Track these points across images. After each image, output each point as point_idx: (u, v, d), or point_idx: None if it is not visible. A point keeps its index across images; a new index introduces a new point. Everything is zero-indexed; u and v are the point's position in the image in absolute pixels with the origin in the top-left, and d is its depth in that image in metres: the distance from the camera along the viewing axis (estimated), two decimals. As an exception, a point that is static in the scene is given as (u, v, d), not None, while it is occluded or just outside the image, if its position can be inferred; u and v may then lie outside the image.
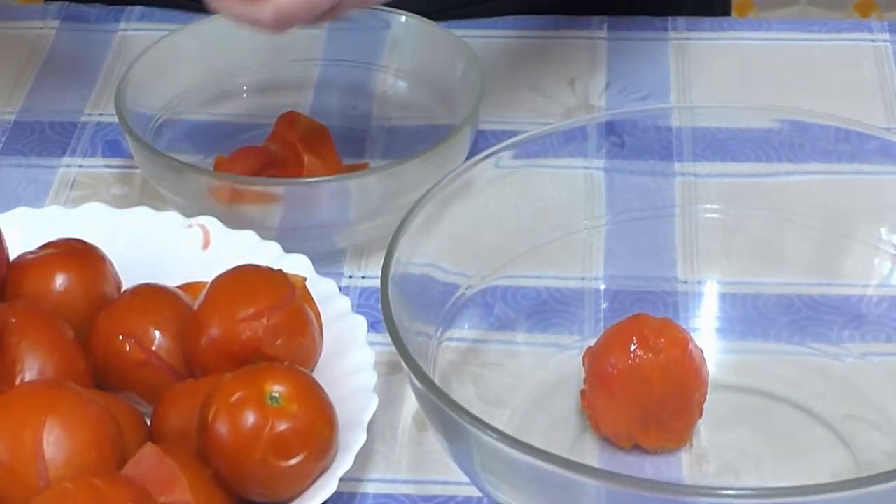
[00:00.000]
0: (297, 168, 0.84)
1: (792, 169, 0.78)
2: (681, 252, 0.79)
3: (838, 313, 0.76)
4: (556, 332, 0.76)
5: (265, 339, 0.70)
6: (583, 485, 0.60)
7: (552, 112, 0.91)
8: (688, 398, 0.71)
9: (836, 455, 0.71)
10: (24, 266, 0.75)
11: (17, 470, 0.63)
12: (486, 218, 0.75)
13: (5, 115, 0.92)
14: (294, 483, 0.66)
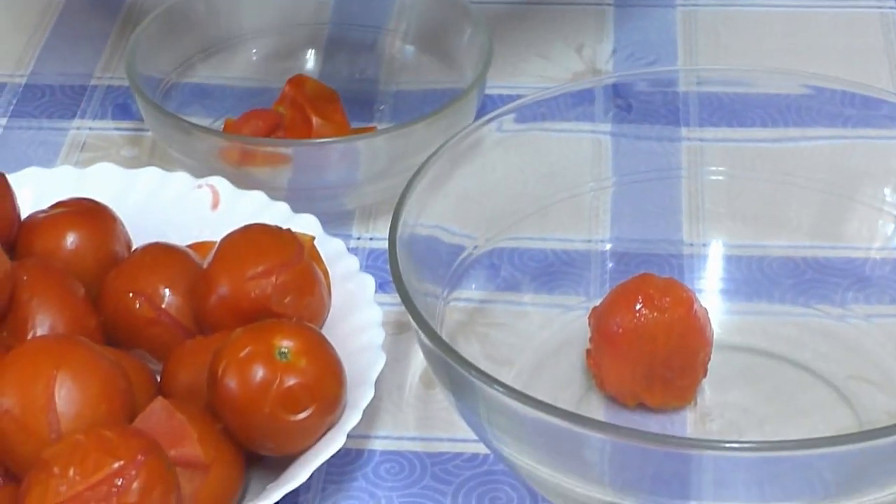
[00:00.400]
0: (305, 130, 0.85)
1: (798, 133, 0.78)
2: (686, 215, 0.79)
3: (843, 275, 0.77)
4: (562, 293, 0.77)
5: (274, 296, 0.70)
6: (588, 438, 0.61)
7: (559, 77, 0.92)
8: (692, 357, 0.72)
9: (838, 415, 0.72)
10: (36, 225, 0.75)
11: (28, 423, 0.64)
12: (492, 180, 0.75)
13: (16, 77, 0.93)
14: (302, 437, 0.67)
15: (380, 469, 0.71)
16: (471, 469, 0.71)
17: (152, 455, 0.62)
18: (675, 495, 0.62)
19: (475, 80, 0.83)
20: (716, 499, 0.63)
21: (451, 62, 0.88)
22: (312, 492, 0.70)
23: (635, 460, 0.62)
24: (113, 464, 0.61)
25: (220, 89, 0.90)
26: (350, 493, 0.70)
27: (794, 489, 0.62)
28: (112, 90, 0.92)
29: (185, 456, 0.65)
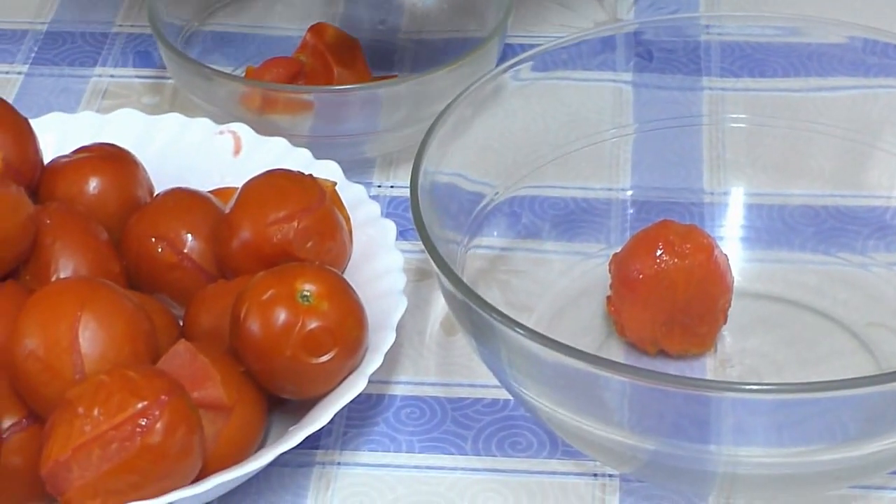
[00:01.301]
0: (327, 79, 0.85)
1: (819, 83, 0.78)
2: (707, 163, 0.79)
3: (863, 223, 0.77)
4: (583, 240, 0.77)
5: (295, 241, 0.71)
6: (608, 381, 0.61)
7: (581, 26, 0.92)
8: (712, 304, 0.72)
9: (858, 360, 0.72)
10: (58, 169, 0.76)
11: (53, 363, 0.64)
12: (512, 128, 0.75)
13: (37, 25, 0.93)
14: (324, 380, 0.67)
15: (400, 414, 0.71)
16: (491, 414, 0.71)
17: (175, 396, 0.63)
18: (694, 439, 0.63)
19: (496, 29, 0.83)
20: (735, 443, 0.63)
21: (472, 11, 0.88)
22: (334, 436, 0.70)
23: (655, 403, 0.62)
24: (137, 404, 0.62)
25: (242, 37, 0.90)
26: (371, 438, 0.70)
27: (813, 433, 0.62)
28: (133, 38, 0.92)
29: (207, 398, 0.65)
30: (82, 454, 0.62)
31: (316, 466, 0.69)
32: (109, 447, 0.62)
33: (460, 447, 0.70)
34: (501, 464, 0.69)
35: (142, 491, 0.62)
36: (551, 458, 0.69)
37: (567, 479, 0.69)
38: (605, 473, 0.69)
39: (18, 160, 0.74)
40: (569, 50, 0.76)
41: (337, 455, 0.70)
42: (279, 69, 0.85)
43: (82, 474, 0.62)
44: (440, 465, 0.69)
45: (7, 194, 0.70)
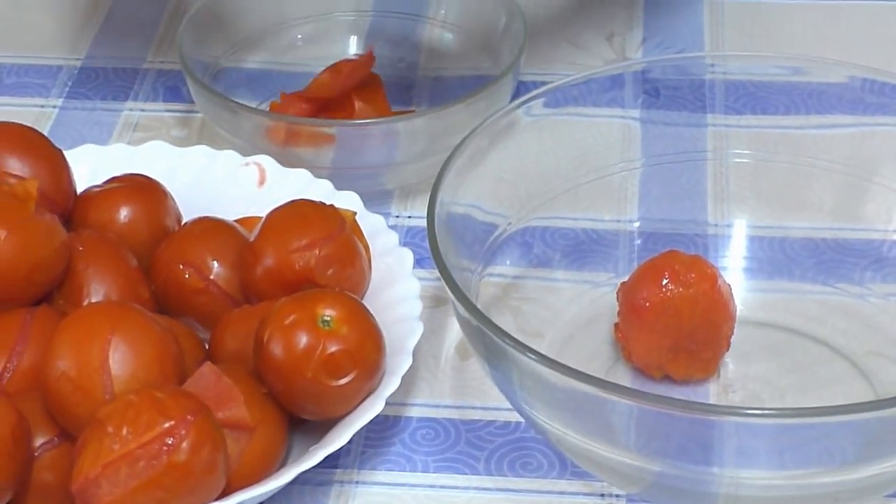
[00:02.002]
0: (348, 113, 0.85)
1: (819, 120, 0.78)
2: (711, 196, 0.79)
3: (861, 255, 0.77)
4: (592, 269, 0.77)
5: (317, 268, 0.71)
6: (616, 404, 0.61)
7: (591, 65, 0.92)
8: (716, 331, 0.72)
9: (856, 387, 0.72)
10: (91, 198, 0.76)
11: (83, 384, 0.64)
12: (525, 161, 0.75)
13: (71, 61, 0.94)
14: (343, 402, 0.67)
15: (416, 435, 0.71)
16: (503, 436, 0.71)
17: (201, 416, 0.63)
18: (698, 461, 0.63)
19: (510, 66, 0.83)
20: (737, 465, 0.63)
21: (487, 49, 0.89)
22: (352, 455, 0.70)
23: (660, 426, 0.62)
24: (164, 423, 0.62)
25: (266, 73, 0.90)
26: (388, 457, 0.70)
27: (813, 457, 0.62)
28: (163, 73, 0.93)
29: (231, 418, 0.65)
30: (111, 471, 0.62)
31: (335, 485, 0.69)
32: (137, 465, 0.62)
33: (473, 467, 0.70)
34: (513, 484, 0.69)
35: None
36: (560, 478, 0.69)
37: (575, 498, 0.68)
38: (612, 493, 0.69)
39: (53, 189, 0.74)
40: (579, 87, 0.76)
41: (355, 474, 0.70)
42: (302, 103, 0.86)
43: (111, 490, 0.62)
44: (454, 485, 0.69)
45: (42, 222, 0.70)
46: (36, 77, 0.93)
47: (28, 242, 0.69)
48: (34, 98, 0.91)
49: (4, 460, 0.63)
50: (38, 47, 0.95)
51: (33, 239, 0.69)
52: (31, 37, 0.95)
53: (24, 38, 0.95)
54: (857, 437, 0.61)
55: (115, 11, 0.97)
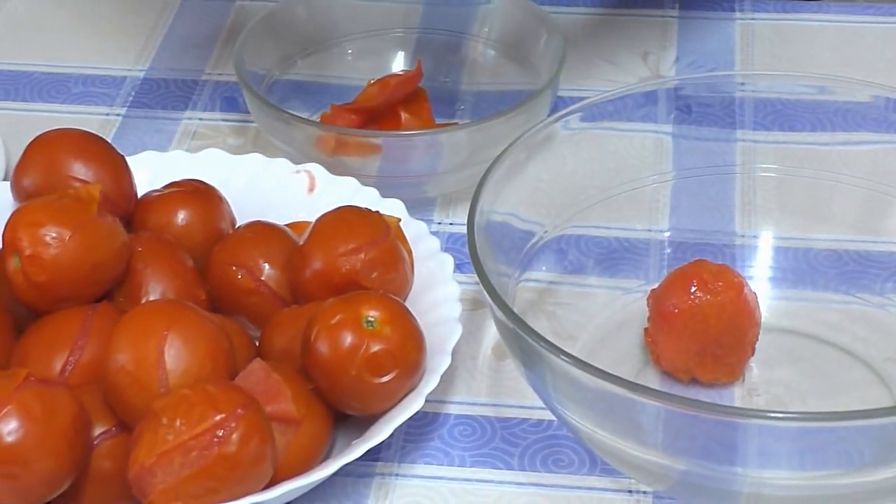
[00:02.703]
0: (394, 124, 0.85)
1: (844, 137, 0.78)
2: (739, 208, 0.79)
3: (882, 267, 0.76)
4: (624, 276, 0.77)
5: (362, 271, 0.71)
6: (645, 406, 0.61)
7: (626, 81, 0.91)
8: (741, 337, 0.72)
9: (875, 393, 0.71)
10: (151, 202, 0.76)
11: (141, 377, 0.65)
12: (561, 172, 0.75)
13: (134, 72, 0.94)
14: (385, 399, 0.67)
15: (454, 431, 0.71)
16: (536, 433, 0.71)
17: (251, 409, 0.63)
18: (722, 461, 0.62)
19: (549, 82, 0.83)
20: (760, 466, 0.63)
21: (528, 65, 0.88)
22: (393, 449, 0.70)
23: (687, 427, 0.62)
24: (215, 416, 0.62)
25: (318, 86, 0.90)
26: (426, 452, 0.70)
27: (832, 459, 0.62)
28: (220, 85, 0.93)
29: (279, 412, 0.65)
30: (165, 460, 0.62)
31: (376, 477, 0.69)
32: (190, 455, 0.62)
33: (508, 463, 0.70)
34: (545, 479, 0.69)
35: (218, 495, 0.62)
36: (590, 474, 0.69)
37: (604, 494, 0.68)
38: (639, 490, 0.68)
39: (115, 193, 0.75)
40: (615, 103, 0.76)
41: (395, 467, 0.70)
42: (351, 115, 0.86)
43: (165, 479, 0.62)
44: (489, 479, 0.69)
45: (104, 224, 0.70)
46: (102, 87, 0.93)
47: (90, 243, 0.69)
48: (99, 106, 0.92)
49: (65, 448, 0.63)
50: (104, 58, 0.95)
51: (95, 240, 0.70)
52: (97, 48, 0.96)
53: (90, 49, 0.96)
54: (875, 441, 0.61)
55: (177, 26, 0.98)
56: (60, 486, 0.64)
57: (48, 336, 0.69)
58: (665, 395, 0.62)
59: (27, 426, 0.62)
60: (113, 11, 0.99)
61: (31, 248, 0.69)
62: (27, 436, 0.62)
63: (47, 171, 0.75)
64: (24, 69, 0.95)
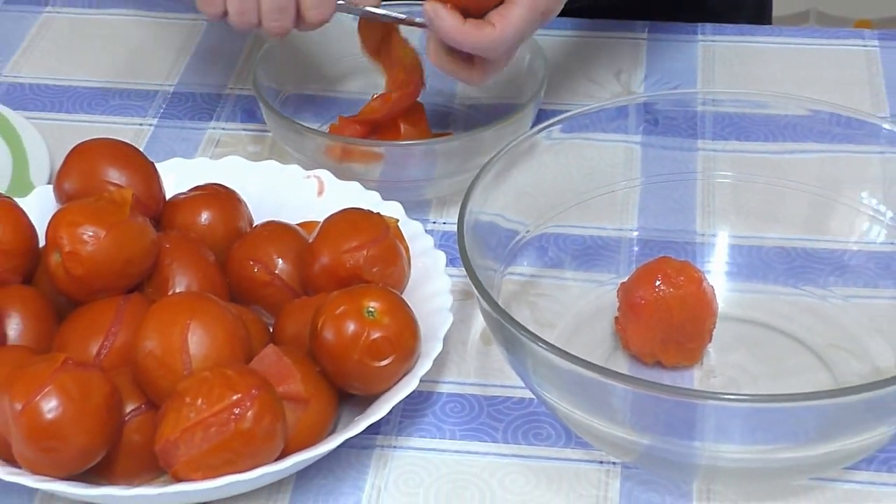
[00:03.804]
0: (394, 135, 0.85)
1: (793, 147, 0.77)
2: (699, 210, 0.78)
3: (825, 263, 0.76)
4: (597, 270, 0.77)
5: (364, 266, 0.70)
6: (614, 388, 0.61)
7: (601, 97, 0.91)
8: (700, 325, 0.72)
9: (819, 376, 0.71)
10: (177, 204, 0.76)
11: (167, 361, 0.64)
12: (542, 178, 0.75)
13: (165, 87, 0.94)
14: (384, 380, 0.67)
15: (445, 408, 0.71)
16: (518, 410, 0.71)
17: (264, 390, 0.63)
18: (682, 436, 0.62)
19: (532, 97, 0.83)
20: (715, 441, 0.62)
21: (513, 82, 0.88)
22: (391, 425, 0.70)
23: (651, 407, 0.62)
24: (232, 396, 0.62)
25: (327, 100, 0.90)
26: (421, 427, 0.70)
27: (780, 435, 0.62)
28: (241, 99, 0.92)
29: (290, 392, 0.65)
30: (188, 435, 0.62)
31: (376, 449, 0.69)
32: (210, 430, 0.62)
33: (493, 436, 0.69)
34: (525, 451, 0.69)
35: (234, 466, 0.62)
36: (566, 447, 0.69)
37: (578, 465, 0.68)
38: (609, 461, 0.68)
39: (145, 196, 0.74)
40: (590, 116, 0.75)
41: (393, 440, 0.69)
42: (356, 126, 0.85)
43: (187, 452, 0.62)
44: (476, 451, 0.69)
45: (135, 223, 0.70)
46: (136, 100, 0.93)
47: (123, 241, 0.69)
48: (133, 118, 0.91)
49: (99, 424, 0.63)
50: (137, 75, 0.95)
51: (127, 238, 0.69)
52: (132, 66, 0.95)
53: (126, 67, 0.95)
54: (819, 419, 0.61)
55: (203, 46, 0.97)
56: (95, 458, 0.64)
57: (85, 324, 0.69)
58: (632, 378, 0.63)
59: (65, 405, 0.62)
60: (146, 34, 0.98)
61: (71, 246, 0.68)
62: (65, 413, 0.62)
63: (85, 176, 0.75)
64: (66, 84, 0.94)
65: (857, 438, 0.62)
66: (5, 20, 0.99)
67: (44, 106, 0.92)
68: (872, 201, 0.75)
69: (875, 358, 0.72)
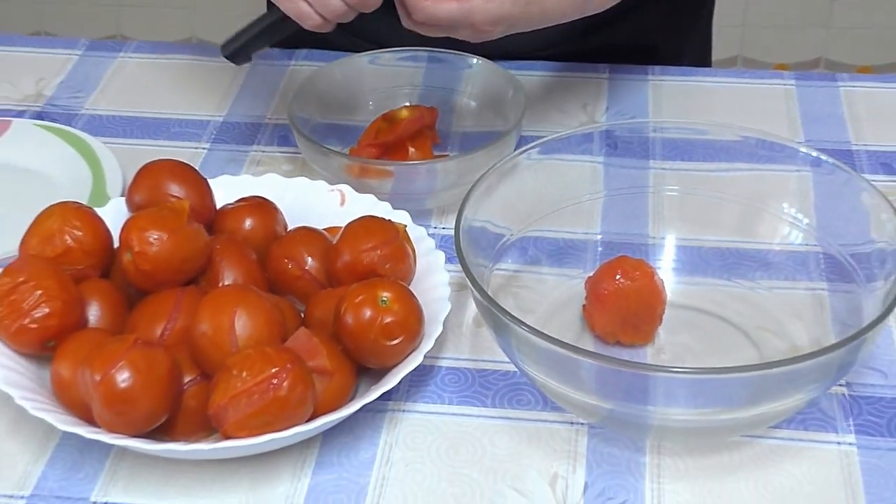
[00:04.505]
0: (403, 156, 0.85)
1: (726, 167, 0.77)
2: (651, 218, 0.78)
3: (753, 260, 0.76)
4: (568, 267, 0.76)
5: (378, 263, 0.70)
6: (581, 362, 0.61)
7: (571, 125, 0.90)
8: (652, 311, 0.71)
9: (748, 352, 0.71)
10: (226, 213, 0.75)
11: (217, 341, 0.64)
12: (523, 191, 0.75)
13: (216, 117, 0.93)
14: (395, 356, 0.67)
15: (444, 379, 0.71)
16: (504, 381, 0.70)
17: (297, 364, 0.63)
18: (638, 402, 0.62)
19: (514, 125, 0.82)
20: (665, 405, 0.62)
21: (499, 112, 0.88)
22: (400, 392, 0.70)
23: (613, 378, 0.62)
24: (271, 369, 0.62)
25: (347, 127, 0.89)
26: (425, 395, 0.70)
27: (717, 401, 0.62)
28: (278, 127, 0.92)
29: (317, 366, 0.65)
30: (235, 401, 0.62)
31: (388, 412, 0.69)
32: (252, 397, 0.62)
33: (483, 402, 0.69)
34: (510, 414, 0.68)
35: (272, 427, 0.62)
36: (543, 411, 0.68)
37: (553, 425, 0.68)
38: (578, 422, 0.68)
39: (199, 206, 0.74)
40: (562, 141, 0.75)
41: (402, 405, 0.69)
42: (372, 148, 0.85)
43: (235, 414, 0.62)
44: (469, 414, 0.68)
45: (191, 229, 0.70)
46: (192, 128, 0.92)
47: (181, 243, 0.69)
48: (190, 142, 0.91)
49: (163, 392, 0.63)
50: (194, 108, 0.94)
51: (185, 240, 0.69)
52: (189, 100, 0.95)
53: (184, 101, 0.95)
54: (748, 388, 0.61)
55: (247, 84, 0.97)
56: (159, 420, 0.64)
57: (151, 310, 0.68)
58: (597, 354, 0.62)
59: (135, 376, 0.62)
60: (200, 75, 0.98)
61: (140, 247, 0.68)
62: (135, 383, 0.62)
63: (151, 190, 0.74)
64: (136, 115, 0.94)
65: (778, 403, 0.62)
66: (87, 64, 0.99)
67: (117, 133, 0.92)
68: (791, 210, 0.75)
69: (793, 337, 0.72)
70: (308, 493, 0.64)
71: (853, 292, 0.69)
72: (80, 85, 0.97)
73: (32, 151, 0.88)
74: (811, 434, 0.67)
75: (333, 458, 0.66)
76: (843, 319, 0.70)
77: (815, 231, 0.74)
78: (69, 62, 0.99)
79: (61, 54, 1.00)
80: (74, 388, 0.64)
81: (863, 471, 0.64)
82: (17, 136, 0.89)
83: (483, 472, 0.65)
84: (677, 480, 0.65)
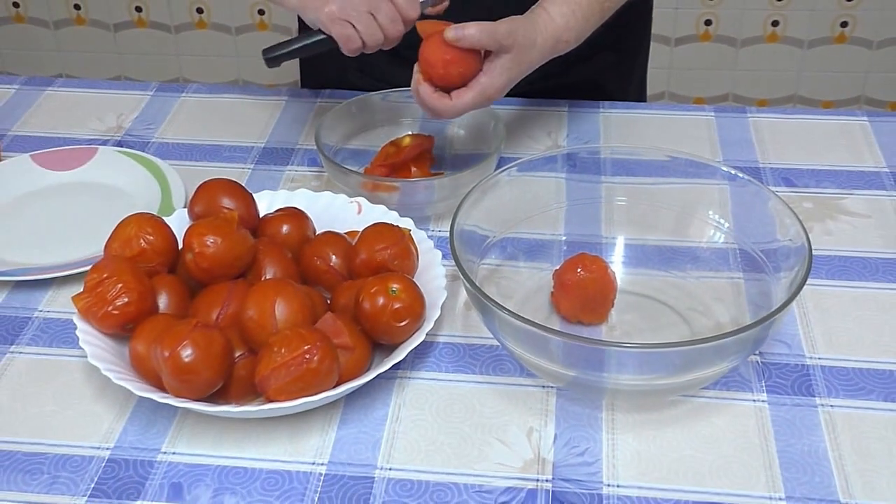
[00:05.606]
0: (407, 174, 0.83)
1: (662, 181, 0.76)
2: (605, 222, 0.77)
3: (685, 256, 0.75)
4: (539, 262, 0.75)
5: (389, 261, 0.69)
6: (550, 339, 0.60)
7: (539, 149, 0.89)
8: (606, 297, 0.70)
9: (682, 329, 0.70)
10: (267, 220, 0.74)
11: (261, 323, 0.63)
12: (503, 202, 0.73)
13: (259, 143, 0.92)
14: (402, 335, 0.66)
15: (442, 352, 0.69)
16: (489, 353, 0.69)
17: (325, 342, 0.62)
18: (595, 370, 0.61)
19: (495, 149, 0.81)
20: (617, 373, 0.61)
21: (483, 138, 0.86)
22: (407, 363, 0.68)
23: (575, 351, 0.61)
24: (304, 346, 0.61)
25: (363, 151, 0.88)
26: (426, 365, 0.68)
27: (658, 368, 0.61)
28: (307, 151, 0.90)
29: (341, 343, 0.64)
30: (276, 372, 0.61)
31: (398, 380, 0.67)
32: (290, 369, 0.61)
33: (472, 370, 0.68)
34: (493, 380, 0.67)
35: (306, 392, 0.61)
36: (520, 377, 0.67)
37: (528, 388, 0.67)
38: (549, 386, 0.67)
39: (246, 216, 0.73)
40: (534, 162, 0.74)
41: (408, 374, 0.68)
42: (383, 168, 0.83)
43: (276, 383, 0.61)
44: (462, 380, 0.67)
45: (240, 234, 0.69)
46: (239, 152, 0.90)
47: (232, 245, 0.68)
48: (239, 164, 0.89)
49: (220, 364, 0.62)
50: (241, 136, 0.92)
51: (235, 243, 0.68)
52: (237, 130, 0.93)
53: (234, 130, 0.93)
54: (682, 358, 0.60)
55: (282, 117, 0.95)
56: (215, 387, 0.63)
57: (208, 299, 0.67)
58: (562, 332, 0.61)
59: (196, 351, 0.61)
60: (246, 109, 0.96)
61: (199, 248, 0.67)
62: (196, 357, 0.61)
63: (208, 202, 0.73)
64: (195, 143, 0.92)
65: (706, 371, 0.61)
66: (158, 101, 0.97)
67: (181, 156, 0.90)
68: (715, 216, 0.74)
69: (717, 316, 0.70)
70: (335, 444, 0.63)
71: (763, 281, 0.69)
72: (151, 119, 0.95)
73: (114, 172, 0.87)
74: (732, 394, 0.66)
75: (354, 417, 0.65)
76: (756, 302, 0.69)
77: (733, 232, 0.72)
78: (143, 101, 0.98)
79: (137, 94, 0.99)
80: (148, 362, 0.63)
81: (773, 422, 0.64)
82: (102, 161, 0.88)
83: (473, 426, 0.64)
84: (627, 431, 0.64)
